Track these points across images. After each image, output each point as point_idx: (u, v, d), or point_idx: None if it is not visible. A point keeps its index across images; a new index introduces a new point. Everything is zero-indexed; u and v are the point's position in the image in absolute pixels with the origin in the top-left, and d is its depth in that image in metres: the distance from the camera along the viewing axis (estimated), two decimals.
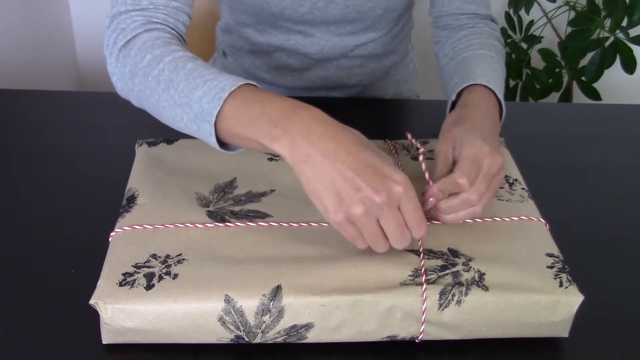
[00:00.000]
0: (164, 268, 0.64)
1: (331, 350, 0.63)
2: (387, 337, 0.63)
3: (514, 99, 1.87)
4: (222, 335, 0.62)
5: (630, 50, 1.63)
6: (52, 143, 0.94)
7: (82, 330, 0.65)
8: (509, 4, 1.80)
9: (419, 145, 0.72)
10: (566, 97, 1.83)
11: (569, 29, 1.74)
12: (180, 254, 0.65)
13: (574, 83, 1.81)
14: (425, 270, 0.64)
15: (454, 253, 0.66)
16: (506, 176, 0.77)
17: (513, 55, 1.84)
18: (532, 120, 1.06)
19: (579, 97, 1.81)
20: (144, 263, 0.64)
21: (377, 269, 0.64)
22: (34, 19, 1.71)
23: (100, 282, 0.62)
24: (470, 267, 0.64)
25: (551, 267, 0.65)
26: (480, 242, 0.68)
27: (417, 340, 0.64)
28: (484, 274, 0.64)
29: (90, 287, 0.70)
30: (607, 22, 1.65)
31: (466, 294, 0.62)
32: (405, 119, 1.03)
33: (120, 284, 0.62)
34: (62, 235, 0.77)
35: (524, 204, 0.74)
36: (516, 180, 0.78)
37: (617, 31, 1.63)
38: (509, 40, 1.83)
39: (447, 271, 0.64)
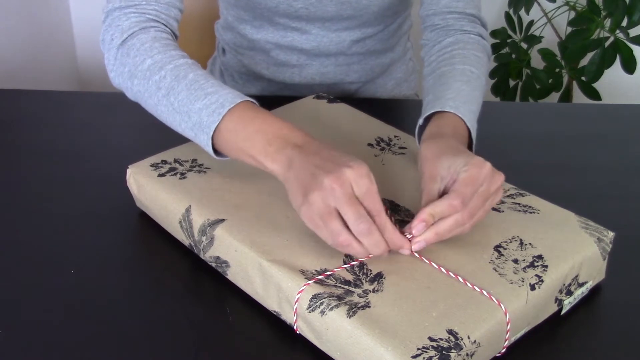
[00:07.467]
0: (184, 170, 0.77)
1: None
2: (274, 312, 0.65)
3: (514, 99, 1.87)
4: (182, 238, 0.73)
5: (630, 50, 1.63)
6: (52, 143, 0.94)
7: (82, 329, 0.65)
8: (509, 4, 1.80)
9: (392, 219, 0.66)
10: (566, 97, 1.83)
11: (569, 29, 1.74)
12: (209, 168, 0.77)
13: (574, 83, 1.81)
14: (329, 275, 0.63)
15: (378, 276, 0.63)
16: (536, 256, 0.67)
17: (513, 55, 1.84)
18: (532, 120, 1.06)
19: (579, 97, 1.82)
20: (179, 160, 0.79)
21: (304, 250, 0.65)
22: (34, 19, 1.71)
23: (147, 159, 0.79)
24: (367, 296, 0.61)
25: (426, 349, 0.56)
26: (424, 290, 0.62)
27: (295, 330, 0.64)
28: (367, 305, 0.60)
29: (90, 286, 0.70)
30: (607, 22, 1.65)
31: (331, 308, 0.59)
32: (404, 119, 1.03)
33: (151, 166, 0.78)
34: (62, 235, 0.77)
35: (504, 287, 0.63)
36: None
37: (617, 31, 1.63)
38: (509, 41, 1.84)
39: (345, 287, 0.62)
